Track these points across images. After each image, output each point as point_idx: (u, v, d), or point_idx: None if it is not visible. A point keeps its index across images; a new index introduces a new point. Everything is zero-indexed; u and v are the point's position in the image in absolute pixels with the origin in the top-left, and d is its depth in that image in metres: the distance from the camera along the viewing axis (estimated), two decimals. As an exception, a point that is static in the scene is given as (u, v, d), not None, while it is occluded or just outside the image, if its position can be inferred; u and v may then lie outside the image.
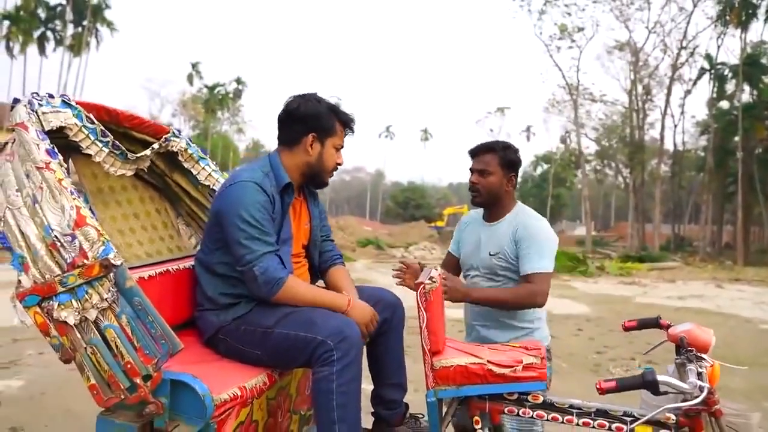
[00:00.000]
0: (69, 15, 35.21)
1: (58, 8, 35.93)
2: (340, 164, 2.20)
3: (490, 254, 2.47)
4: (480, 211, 2.65)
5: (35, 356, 5.82)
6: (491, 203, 2.53)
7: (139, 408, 1.67)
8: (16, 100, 1.82)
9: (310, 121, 2.10)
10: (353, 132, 2.21)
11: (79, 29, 36.26)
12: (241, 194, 1.97)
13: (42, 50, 36.34)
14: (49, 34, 36.38)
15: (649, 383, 1.55)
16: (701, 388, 1.59)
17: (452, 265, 2.71)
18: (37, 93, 1.89)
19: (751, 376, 5.07)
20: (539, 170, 60.17)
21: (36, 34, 35.42)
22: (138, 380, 1.63)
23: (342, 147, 2.20)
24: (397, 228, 35.13)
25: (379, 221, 54.23)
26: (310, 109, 2.10)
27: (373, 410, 2.24)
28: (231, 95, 48.12)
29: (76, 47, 35.44)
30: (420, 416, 2.37)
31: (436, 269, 1.91)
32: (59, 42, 36.06)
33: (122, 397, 1.65)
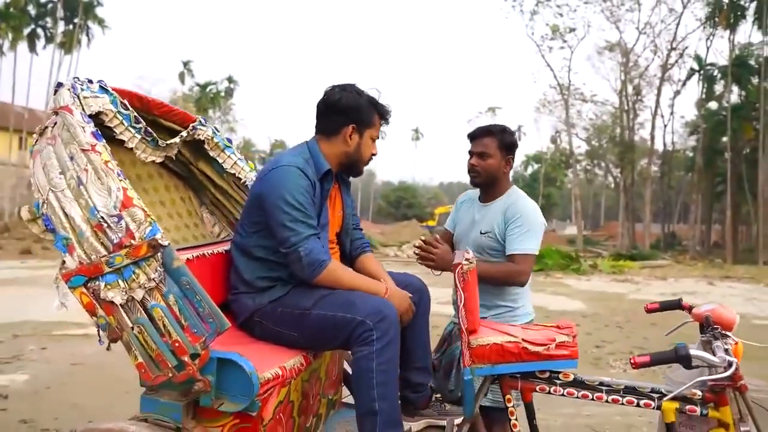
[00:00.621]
0: (60, 12, 34.89)
1: (49, 5, 35.56)
2: (375, 155, 2.25)
3: (481, 233, 2.57)
4: (477, 190, 2.74)
5: (37, 351, 5.83)
6: (489, 184, 2.62)
7: (186, 386, 1.70)
8: (60, 84, 1.85)
9: (351, 113, 2.14)
10: (389, 123, 2.26)
11: (70, 26, 35.94)
12: (284, 178, 2.01)
13: (32, 47, 35.91)
14: (39, 31, 35.98)
15: (682, 357, 1.61)
16: (730, 363, 1.65)
17: (447, 241, 2.81)
18: (77, 77, 1.91)
19: (747, 367, 5.18)
20: (530, 170, 60.46)
21: (26, 31, 35.04)
22: (186, 358, 1.66)
23: (378, 138, 2.25)
24: (389, 227, 35.17)
25: (371, 221, 54.19)
26: (351, 101, 2.14)
27: (399, 393, 2.29)
28: (222, 94, 47.90)
29: (67, 45, 35.04)
30: (445, 399, 2.42)
31: (468, 251, 1.96)
32: (50, 39, 35.64)
33: (170, 375, 1.68)
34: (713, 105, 35.44)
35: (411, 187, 63.59)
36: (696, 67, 34.46)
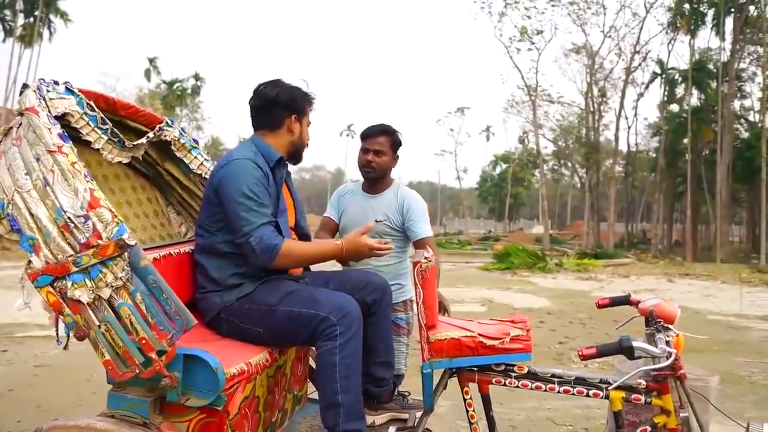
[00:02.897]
0: (20, 4, 33.83)
1: (7, -4, 34.50)
2: (309, 140, 2.40)
3: (377, 221, 2.84)
4: (358, 183, 3.02)
5: (-1, 354, 5.70)
6: (379, 178, 2.92)
7: (153, 382, 1.73)
8: (25, 86, 1.86)
9: (290, 104, 2.28)
10: (313, 109, 2.40)
11: (31, 19, 34.87)
12: (238, 171, 2.09)
13: (-10, 41, 34.80)
14: (-3, 23, 34.91)
15: (625, 349, 1.73)
16: (669, 354, 1.78)
17: (331, 228, 3.04)
18: (43, 79, 1.93)
19: (703, 361, 5.42)
20: (498, 170, 61.22)
21: (-17, 24, 33.94)
22: (153, 355, 1.69)
23: (310, 124, 2.39)
24: (359, 226, 35.05)
25: (341, 219, 53.99)
26: (288, 94, 2.28)
27: (363, 387, 2.36)
28: (189, 91, 47.14)
29: (28, 38, 34.01)
30: (407, 393, 2.51)
31: (428, 250, 2.04)
32: (9, 32, 34.56)
33: (137, 371, 1.70)
34: (674, 107, 36.54)
35: (381, 186, 63.41)
36: (658, 70, 35.44)
